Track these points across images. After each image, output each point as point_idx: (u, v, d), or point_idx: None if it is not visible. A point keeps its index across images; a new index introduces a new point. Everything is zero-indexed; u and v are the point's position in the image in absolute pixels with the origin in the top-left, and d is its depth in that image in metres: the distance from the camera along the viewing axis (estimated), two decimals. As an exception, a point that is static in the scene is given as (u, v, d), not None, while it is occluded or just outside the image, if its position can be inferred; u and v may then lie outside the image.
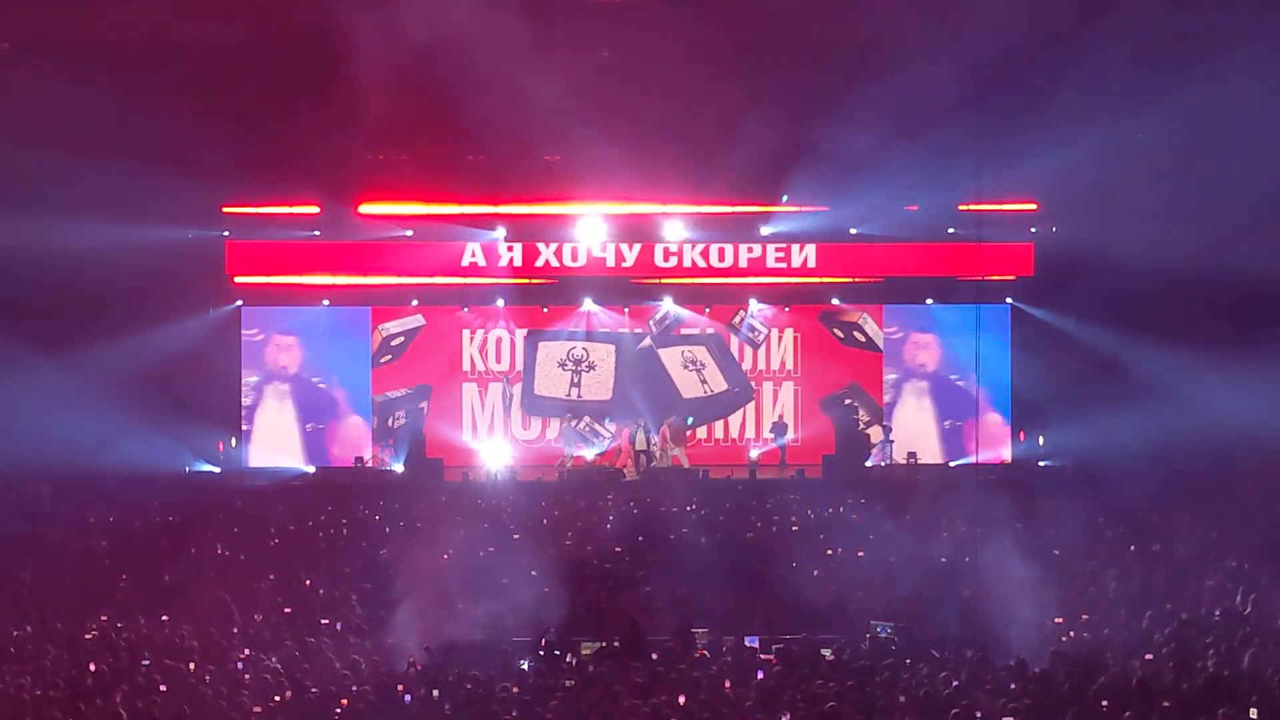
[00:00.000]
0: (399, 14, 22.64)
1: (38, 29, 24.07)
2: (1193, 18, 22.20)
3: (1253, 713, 12.00)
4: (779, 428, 30.01)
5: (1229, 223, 24.06)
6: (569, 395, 30.49)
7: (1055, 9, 23.46)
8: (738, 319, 30.82)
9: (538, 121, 25.24)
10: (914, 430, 30.33)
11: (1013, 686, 13.21)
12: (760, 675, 14.27)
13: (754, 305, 30.60)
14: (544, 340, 30.60)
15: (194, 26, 23.27)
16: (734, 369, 30.88)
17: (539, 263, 29.49)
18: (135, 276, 26.17)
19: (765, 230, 29.46)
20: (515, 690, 13.34)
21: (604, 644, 15.53)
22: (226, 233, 29.03)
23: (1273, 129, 23.15)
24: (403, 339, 30.41)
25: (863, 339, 30.89)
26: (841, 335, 30.87)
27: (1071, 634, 15.53)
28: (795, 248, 29.63)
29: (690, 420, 29.69)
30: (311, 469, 29.40)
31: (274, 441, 29.95)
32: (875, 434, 30.20)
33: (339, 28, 22.51)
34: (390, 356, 30.34)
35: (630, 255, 29.61)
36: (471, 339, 30.72)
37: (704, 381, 30.79)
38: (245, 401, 29.91)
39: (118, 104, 23.69)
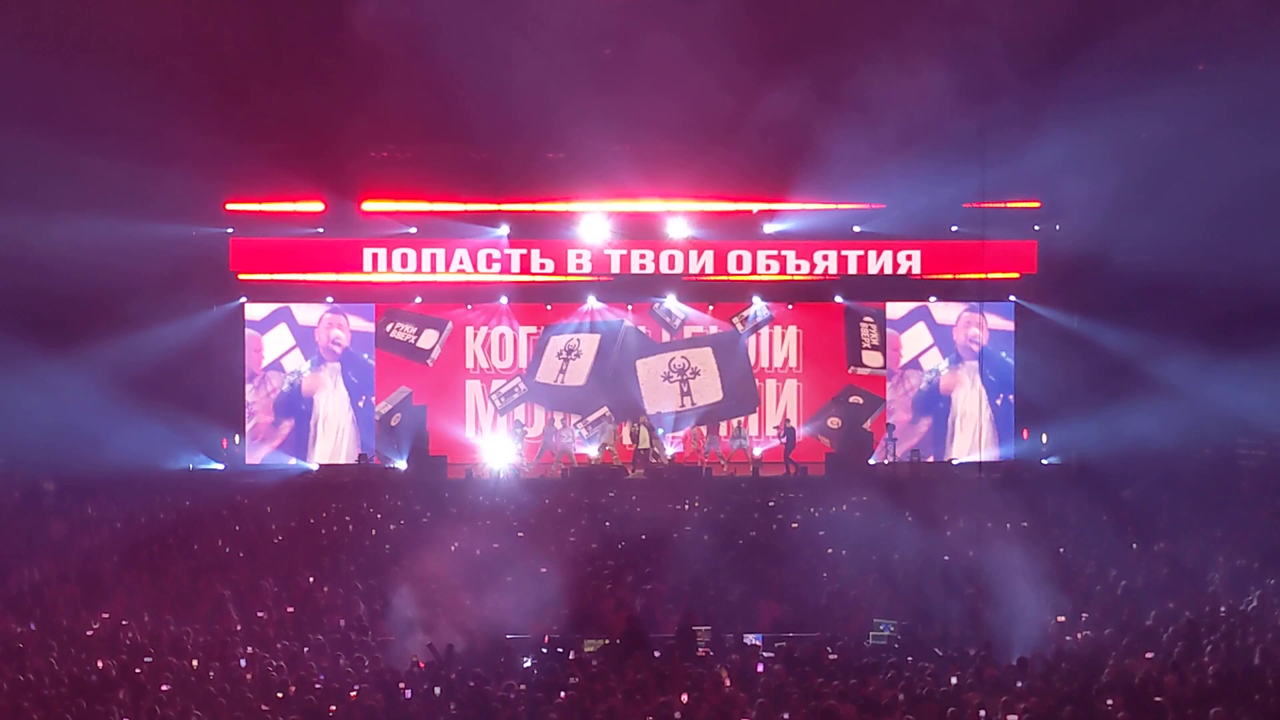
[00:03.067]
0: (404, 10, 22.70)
1: (45, 25, 24.06)
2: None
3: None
4: (788, 431, 29.84)
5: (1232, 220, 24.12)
6: (556, 381, 30.58)
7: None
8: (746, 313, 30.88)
9: (541, 119, 25.27)
10: (969, 412, 30.37)
11: (1019, 685, 13.21)
12: (761, 669, 14.27)
13: (757, 302, 30.59)
14: (555, 334, 30.69)
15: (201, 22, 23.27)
16: (740, 378, 30.71)
17: (540, 261, 29.54)
18: (139, 274, 26.18)
19: (770, 229, 29.42)
20: (522, 688, 13.34)
21: (606, 641, 15.54)
22: (230, 230, 29.03)
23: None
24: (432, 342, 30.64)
25: (873, 364, 30.95)
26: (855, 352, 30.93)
27: (1078, 636, 15.51)
28: (798, 247, 29.63)
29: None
30: (314, 465, 29.42)
31: (334, 425, 30.26)
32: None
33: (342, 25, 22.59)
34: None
35: (633, 254, 29.60)
36: (475, 336, 30.74)
37: (686, 394, 30.60)
38: (249, 395, 29.97)
39: (122, 100, 23.69)
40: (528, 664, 14.74)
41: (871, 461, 28.95)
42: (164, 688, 13.23)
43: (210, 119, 24.54)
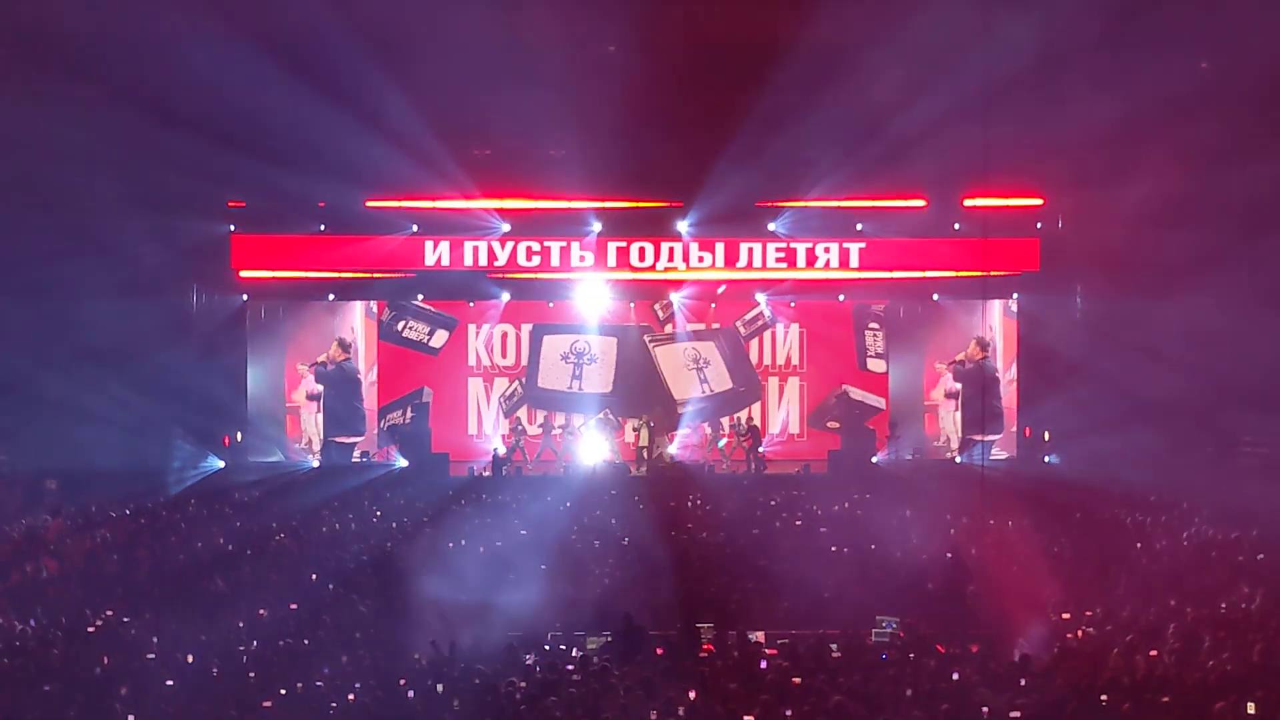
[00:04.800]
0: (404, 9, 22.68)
1: (47, 23, 24.06)
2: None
3: (1250, 708, 11.97)
4: (751, 429, 29.84)
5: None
6: (570, 388, 30.54)
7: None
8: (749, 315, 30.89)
9: (543, 117, 25.26)
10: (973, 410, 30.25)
11: (1023, 683, 13.20)
12: (764, 665, 14.26)
13: (761, 299, 30.59)
14: (549, 334, 30.61)
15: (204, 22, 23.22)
16: (743, 367, 30.84)
17: (542, 259, 29.53)
18: (141, 271, 26.19)
19: (772, 227, 29.40)
20: (523, 685, 13.33)
21: (609, 638, 15.54)
22: (232, 227, 29.03)
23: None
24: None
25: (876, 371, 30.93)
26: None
27: (1080, 632, 15.50)
28: (801, 244, 29.60)
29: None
30: (316, 463, 29.41)
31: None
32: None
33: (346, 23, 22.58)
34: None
35: (633, 251, 29.57)
36: (477, 334, 30.74)
37: (704, 381, 30.73)
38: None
39: (125, 98, 23.69)
40: (530, 660, 14.73)
41: (875, 459, 28.94)
42: (169, 683, 13.24)
43: (212, 117, 24.60)
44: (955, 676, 13.37)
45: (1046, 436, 29.55)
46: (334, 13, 22.71)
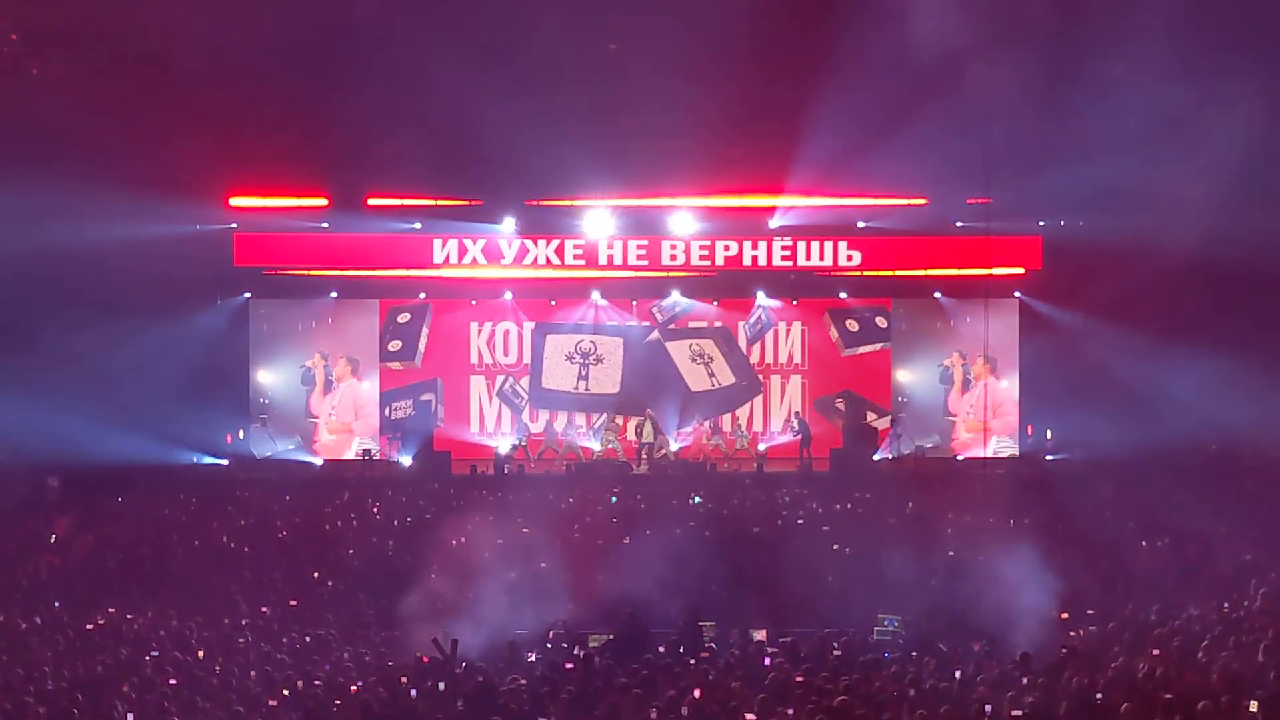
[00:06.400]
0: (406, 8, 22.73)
1: (49, 21, 24.07)
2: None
3: (1253, 706, 11.97)
4: (801, 424, 29.85)
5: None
6: (576, 388, 30.50)
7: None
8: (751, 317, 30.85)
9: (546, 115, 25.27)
10: (974, 408, 30.30)
11: (1024, 681, 13.20)
12: (767, 663, 14.27)
13: (761, 298, 30.55)
14: (551, 333, 30.57)
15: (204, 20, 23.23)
16: (741, 363, 30.85)
17: (544, 257, 29.52)
18: (143, 269, 26.18)
19: (773, 224, 29.37)
20: (523, 683, 13.34)
21: (611, 636, 15.56)
22: (234, 225, 29.04)
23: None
24: (409, 316, 30.61)
25: (879, 327, 30.90)
26: (853, 328, 30.83)
27: (1081, 631, 15.51)
28: (802, 242, 29.57)
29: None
30: (319, 461, 29.42)
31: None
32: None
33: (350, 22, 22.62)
34: (399, 342, 30.49)
35: (634, 249, 29.54)
36: (479, 332, 30.72)
37: (712, 375, 30.75)
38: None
39: (126, 96, 23.69)
40: (532, 658, 14.75)
41: (876, 457, 28.91)
42: (171, 681, 13.25)
43: (214, 114, 24.58)
44: (957, 675, 13.39)
45: (1049, 435, 29.53)
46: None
